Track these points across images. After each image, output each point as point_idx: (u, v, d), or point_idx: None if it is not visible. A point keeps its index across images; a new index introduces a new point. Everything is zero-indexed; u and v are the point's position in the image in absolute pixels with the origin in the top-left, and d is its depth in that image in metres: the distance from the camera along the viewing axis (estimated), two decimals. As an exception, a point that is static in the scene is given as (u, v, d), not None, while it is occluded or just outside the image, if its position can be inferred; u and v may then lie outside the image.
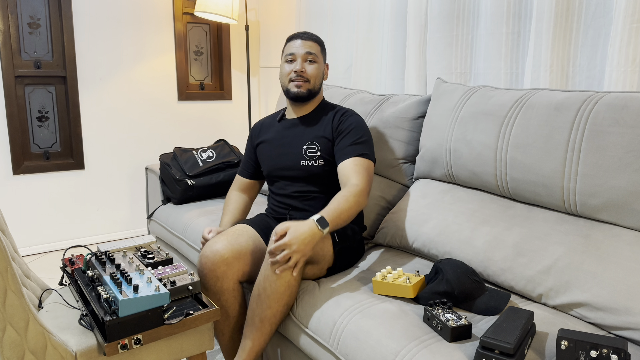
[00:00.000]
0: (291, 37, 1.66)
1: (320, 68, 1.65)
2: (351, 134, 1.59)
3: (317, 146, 1.62)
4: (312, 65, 1.62)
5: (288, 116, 1.73)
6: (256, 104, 3.66)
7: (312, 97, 1.65)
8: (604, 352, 0.92)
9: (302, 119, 1.68)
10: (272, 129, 1.73)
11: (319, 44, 1.66)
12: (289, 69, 1.62)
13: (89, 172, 3.02)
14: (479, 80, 2.05)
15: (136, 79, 3.11)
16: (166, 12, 3.16)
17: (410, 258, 1.62)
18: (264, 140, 1.73)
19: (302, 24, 2.96)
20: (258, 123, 1.82)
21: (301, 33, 1.65)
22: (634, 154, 1.20)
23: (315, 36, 1.66)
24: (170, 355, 1.22)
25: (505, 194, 1.53)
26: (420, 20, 2.23)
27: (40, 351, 1.05)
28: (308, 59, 1.61)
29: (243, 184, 1.83)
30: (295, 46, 1.62)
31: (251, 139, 1.80)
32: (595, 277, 1.20)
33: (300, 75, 1.60)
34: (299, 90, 1.61)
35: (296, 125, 1.68)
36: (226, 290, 1.42)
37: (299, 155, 1.62)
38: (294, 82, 1.61)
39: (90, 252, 1.35)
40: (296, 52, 1.61)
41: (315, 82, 1.63)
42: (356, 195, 1.43)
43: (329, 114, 1.66)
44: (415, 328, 1.14)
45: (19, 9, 2.72)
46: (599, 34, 1.66)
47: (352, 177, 1.50)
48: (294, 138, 1.65)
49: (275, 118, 1.76)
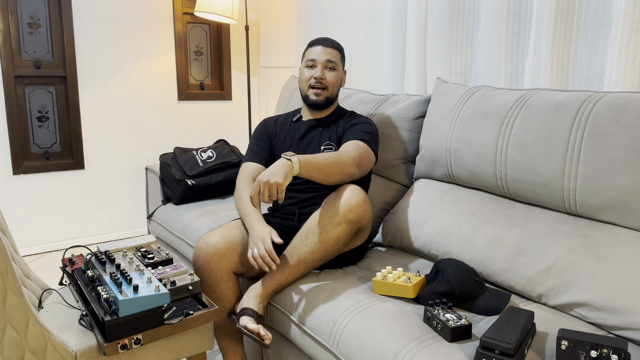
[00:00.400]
0: (313, 43, 1.69)
1: (339, 75, 1.70)
2: (361, 126, 1.64)
3: (334, 147, 1.67)
4: (332, 72, 1.67)
5: (304, 118, 1.75)
6: (256, 104, 3.66)
7: (330, 104, 1.70)
8: (604, 352, 0.92)
9: (319, 121, 1.73)
10: (288, 128, 1.75)
11: (339, 51, 1.70)
12: (309, 75, 1.66)
13: (89, 172, 3.02)
14: (479, 80, 2.05)
15: (136, 79, 3.11)
16: (166, 12, 3.16)
17: (411, 258, 1.62)
18: (280, 138, 1.74)
19: (302, 24, 2.96)
20: (271, 118, 1.81)
21: (323, 39, 1.69)
22: (634, 154, 1.20)
23: (336, 43, 1.70)
24: (170, 355, 1.22)
25: (505, 194, 1.53)
26: (420, 20, 2.23)
27: (40, 351, 1.05)
28: (328, 66, 1.66)
29: (255, 170, 1.69)
30: (316, 52, 1.66)
31: (266, 129, 1.77)
32: (595, 277, 1.20)
33: (320, 82, 1.64)
34: (317, 98, 1.66)
35: (314, 127, 1.72)
36: (221, 282, 1.44)
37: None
38: (313, 89, 1.66)
39: (90, 252, 1.35)
40: (317, 58, 1.66)
41: (333, 89, 1.68)
42: (339, 155, 1.44)
43: (345, 117, 1.72)
44: (415, 328, 1.14)
45: (19, 9, 2.72)
46: (599, 34, 1.66)
47: (343, 148, 1.53)
48: (312, 139, 1.69)
49: (289, 117, 1.78)
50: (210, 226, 1.91)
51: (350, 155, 1.48)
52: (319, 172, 1.39)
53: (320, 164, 1.38)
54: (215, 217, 1.99)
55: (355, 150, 1.52)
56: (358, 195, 1.39)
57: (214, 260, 1.43)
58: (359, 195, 1.39)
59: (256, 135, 1.77)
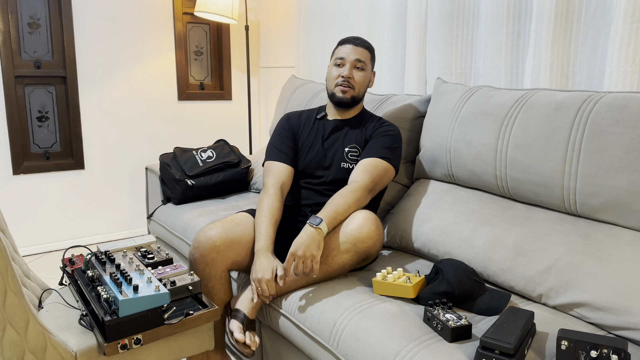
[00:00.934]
0: (343, 41, 1.66)
1: (367, 76, 1.66)
2: (383, 139, 1.61)
3: (359, 150, 1.64)
4: (360, 72, 1.63)
5: (330, 116, 1.72)
6: (256, 104, 3.66)
7: (355, 103, 1.66)
8: (604, 352, 0.92)
9: (345, 122, 1.69)
10: (312, 125, 1.71)
11: (370, 51, 1.66)
12: (337, 73, 1.63)
13: (89, 172, 3.02)
14: (479, 80, 2.04)
15: (136, 79, 3.11)
16: (166, 12, 3.16)
17: (411, 258, 1.62)
18: (304, 135, 1.70)
19: (302, 24, 2.96)
20: (295, 113, 1.77)
21: (354, 38, 1.65)
22: (634, 154, 1.20)
23: (367, 43, 1.66)
24: (170, 355, 1.22)
25: (505, 194, 1.53)
26: (420, 20, 2.23)
27: (40, 351, 1.05)
28: (357, 65, 1.62)
29: (285, 173, 1.61)
30: (346, 51, 1.63)
31: (290, 125, 1.72)
32: (595, 277, 1.20)
33: (347, 80, 1.61)
34: (343, 96, 1.62)
35: (339, 128, 1.68)
36: (214, 277, 1.45)
37: (340, 158, 1.63)
38: (339, 86, 1.62)
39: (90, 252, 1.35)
40: (346, 57, 1.62)
41: (360, 89, 1.64)
42: (353, 190, 1.45)
43: (371, 121, 1.69)
44: (415, 328, 1.14)
45: (19, 9, 2.72)
46: (599, 34, 1.66)
47: (357, 175, 1.52)
48: (336, 139, 1.66)
49: (313, 114, 1.75)
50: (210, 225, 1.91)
51: (364, 186, 1.48)
52: (343, 216, 1.41)
53: (341, 214, 1.40)
54: (214, 217, 1.99)
55: (370, 176, 1.51)
56: (371, 226, 1.37)
57: (210, 255, 1.43)
58: (371, 226, 1.37)
59: (280, 132, 1.71)
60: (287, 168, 1.62)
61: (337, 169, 1.62)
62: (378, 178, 1.53)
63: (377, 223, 1.40)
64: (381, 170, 1.54)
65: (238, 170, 2.34)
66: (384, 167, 1.55)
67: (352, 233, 1.36)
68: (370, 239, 1.37)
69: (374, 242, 1.38)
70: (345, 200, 1.42)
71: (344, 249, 1.37)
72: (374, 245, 1.39)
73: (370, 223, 1.38)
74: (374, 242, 1.38)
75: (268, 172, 1.62)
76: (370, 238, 1.37)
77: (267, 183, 1.59)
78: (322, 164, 1.64)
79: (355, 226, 1.37)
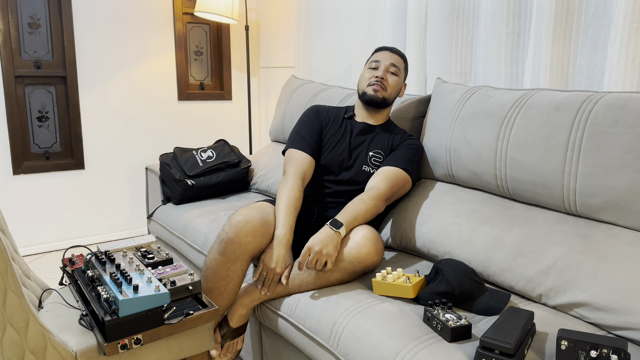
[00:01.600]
0: (380, 48, 1.72)
1: (400, 82, 1.70)
2: (408, 151, 1.64)
3: (383, 156, 1.67)
4: (393, 77, 1.67)
5: (358, 118, 1.74)
6: (256, 104, 3.66)
7: (385, 106, 1.68)
8: (604, 352, 0.92)
9: (372, 127, 1.71)
10: (341, 123, 1.73)
11: (404, 61, 1.72)
12: (371, 74, 1.67)
13: (89, 172, 3.03)
14: (479, 80, 2.05)
15: (136, 79, 3.11)
16: (166, 12, 3.16)
17: (410, 258, 1.62)
18: (331, 131, 1.71)
19: (302, 24, 2.96)
20: (323, 107, 1.78)
21: (391, 47, 1.71)
22: (634, 154, 1.20)
23: (402, 53, 1.72)
24: (170, 355, 1.22)
25: (505, 194, 1.53)
26: (420, 20, 2.23)
27: (40, 351, 1.05)
28: (391, 70, 1.66)
29: (306, 163, 1.60)
30: (382, 55, 1.68)
31: (318, 116, 1.73)
32: (595, 277, 1.20)
33: (380, 81, 1.64)
34: (375, 94, 1.64)
35: (367, 131, 1.70)
36: (238, 259, 1.40)
37: (363, 160, 1.65)
38: (372, 86, 1.64)
39: (90, 252, 1.35)
40: (382, 60, 1.67)
41: (392, 93, 1.67)
42: (374, 198, 1.47)
43: (399, 132, 1.72)
44: (415, 328, 1.14)
45: (19, 9, 2.72)
46: (599, 34, 1.66)
47: (378, 182, 1.54)
48: (362, 141, 1.68)
49: (341, 112, 1.76)
50: (210, 226, 1.91)
51: (384, 195, 1.51)
52: (363, 221, 1.44)
53: (359, 220, 1.43)
54: (214, 217, 1.99)
55: (390, 185, 1.54)
56: (370, 246, 1.36)
57: (245, 239, 1.39)
58: (370, 246, 1.36)
59: (306, 121, 1.71)
60: (309, 159, 1.62)
61: (358, 170, 1.65)
62: (396, 188, 1.57)
63: (377, 243, 1.39)
64: (401, 181, 1.58)
65: (238, 170, 2.34)
66: (404, 179, 1.59)
67: (351, 252, 1.36)
68: (369, 259, 1.37)
69: (372, 262, 1.38)
70: (365, 207, 1.44)
71: (342, 267, 1.36)
72: (372, 265, 1.39)
73: (370, 243, 1.37)
74: (372, 262, 1.38)
75: (291, 160, 1.60)
76: (369, 259, 1.37)
77: (289, 172, 1.56)
78: (345, 164, 1.66)
79: (355, 245, 1.36)
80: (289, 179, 1.53)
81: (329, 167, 1.66)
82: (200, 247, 1.88)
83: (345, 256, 1.36)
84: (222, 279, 1.41)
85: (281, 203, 1.46)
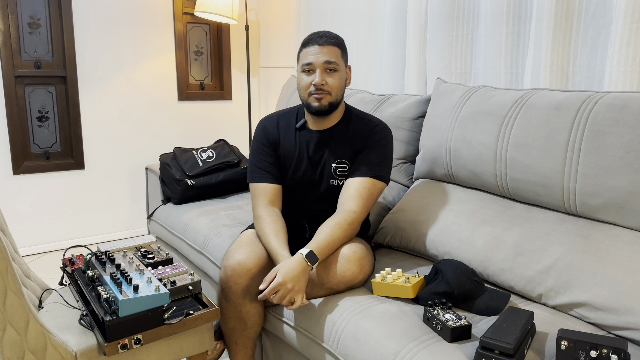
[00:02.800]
0: (307, 42, 1.45)
1: (342, 76, 1.47)
2: (375, 151, 1.48)
3: (348, 165, 1.51)
4: (334, 75, 1.43)
5: (311, 126, 1.54)
6: (256, 104, 3.66)
7: (335, 109, 1.48)
8: (604, 352, 0.92)
9: (328, 133, 1.52)
10: (293, 137, 1.54)
11: (339, 46, 1.46)
12: (308, 81, 1.44)
13: (89, 172, 3.03)
14: (479, 80, 2.05)
15: (136, 79, 3.11)
16: (166, 12, 3.16)
17: (410, 258, 1.62)
18: (286, 150, 1.55)
19: (302, 24, 2.96)
20: (271, 122, 1.58)
21: (317, 37, 1.44)
22: (634, 154, 1.20)
23: (333, 38, 1.45)
24: (170, 355, 1.22)
25: (505, 194, 1.53)
26: (420, 20, 2.23)
27: (41, 351, 1.05)
28: (327, 68, 1.43)
29: (272, 192, 1.51)
30: (312, 54, 1.42)
31: (267, 139, 1.56)
32: (595, 277, 1.20)
33: (321, 88, 1.42)
34: (320, 104, 1.44)
35: (323, 140, 1.52)
36: (250, 302, 1.40)
37: (329, 174, 1.51)
38: (313, 95, 1.43)
39: (90, 252, 1.35)
40: (314, 61, 1.42)
41: (338, 93, 1.45)
42: (351, 223, 1.38)
43: (358, 126, 1.52)
44: (415, 328, 1.14)
45: (19, 9, 2.72)
46: (599, 34, 1.66)
47: (351, 201, 1.42)
48: (322, 155, 1.52)
49: (292, 121, 1.57)
50: (210, 226, 1.91)
51: (356, 213, 1.40)
52: (334, 250, 1.36)
53: (332, 247, 1.34)
54: (214, 217, 1.99)
55: (364, 203, 1.42)
56: (354, 269, 1.33)
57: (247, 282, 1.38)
58: (354, 269, 1.33)
59: (259, 148, 1.56)
60: (272, 187, 1.52)
61: (327, 186, 1.53)
62: (372, 202, 1.45)
63: (362, 261, 1.34)
64: (374, 193, 1.46)
65: (238, 170, 2.34)
66: (378, 188, 1.46)
67: (335, 276, 1.32)
68: (354, 280, 1.34)
69: (358, 282, 1.35)
70: (344, 234, 1.36)
71: (326, 287, 1.34)
72: (358, 284, 1.36)
73: (354, 266, 1.33)
74: (358, 281, 1.35)
75: (255, 196, 1.52)
76: (354, 279, 1.34)
77: (258, 206, 1.49)
78: (311, 181, 1.54)
79: (341, 268, 1.32)
80: (260, 218, 1.47)
81: (300, 188, 1.56)
82: (200, 247, 1.88)
83: (330, 279, 1.33)
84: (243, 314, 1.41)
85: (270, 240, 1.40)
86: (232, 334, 1.44)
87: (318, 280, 1.34)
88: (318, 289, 1.34)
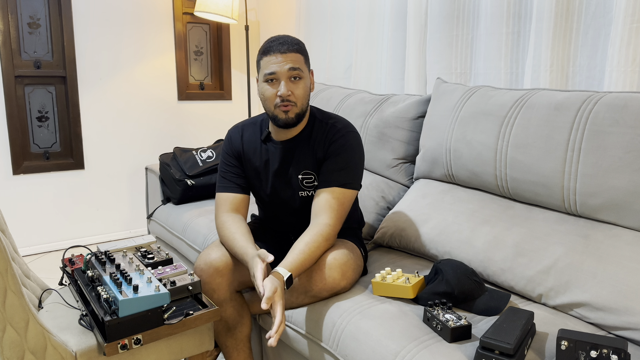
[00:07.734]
0: (267, 50, 1.36)
1: (307, 82, 1.39)
2: (339, 158, 1.41)
3: (314, 175, 1.46)
4: (299, 83, 1.36)
5: (275, 137, 1.48)
6: (256, 104, 3.66)
7: (302, 119, 1.41)
8: (604, 352, 0.92)
9: (293, 143, 1.46)
10: (258, 150, 1.50)
11: (300, 52, 1.38)
12: (272, 92, 1.36)
13: (89, 172, 3.02)
14: (479, 80, 2.05)
15: (136, 79, 3.11)
16: (166, 12, 3.16)
17: (410, 258, 1.62)
18: (250, 163, 1.51)
19: (302, 24, 2.96)
20: (237, 133, 1.53)
21: (277, 43, 1.35)
22: (634, 154, 1.20)
23: (294, 44, 1.37)
24: (170, 355, 1.22)
25: (505, 194, 1.53)
26: (420, 20, 2.23)
27: (40, 351, 1.05)
28: (292, 76, 1.35)
29: (236, 202, 1.48)
30: (275, 63, 1.34)
31: (232, 150, 1.52)
32: (595, 277, 1.20)
33: (287, 100, 1.35)
34: (287, 117, 1.37)
35: (286, 152, 1.46)
36: (224, 302, 1.39)
37: (297, 187, 1.47)
38: (279, 107, 1.36)
39: (90, 252, 1.35)
40: (277, 70, 1.33)
41: (304, 102, 1.39)
42: (327, 238, 1.34)
43: (321, 132, 1.45)
44: (415, 329, 1.14)
45: (19, 9, 2.72)
46: (599, 34, 1.66)
47: (324, 214, 1.37)
48: (287, 168, 1.47)
49: (257, 132, 1.51)
50: (209, 226, 1.91)
51: (330, 226, 1.35)
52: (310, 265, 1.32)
53: (307, 264, 1.30)
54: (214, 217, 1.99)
55: (337, 215, 1.38)
56: (335, 276, 1.30)
57: (215, 281, 1.37)
58: (336, 276, 1.31)
59: (224, 159, 1.54)
60: (236, 197, 1.49)
61: (297, 198, 1.49)
62: (344, 211, 1.40)
63: (343, 268, 1.32)
64: (345, 202, 1.40)
65: (238, 170, 2.34)
66: (348, 197, 1.40)
67: (316, 283, 1.31)
68: (336, 286, 1.32)
69: (341, 288, 1.34)
70: (320, 250, 1.32)
71: (310, 295, 1.33)
72: (342, 290, 1.35)
73: (335, 273, 1.31)
74: (340, 287, 1.33)
75: (218, 205, 1.49)
76: (336, 286, 1.32)
77: (221, 213, 1.46)
78: (284, 194, 1.50)
79: (320, 275, 1.31)
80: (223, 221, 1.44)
81: (274, 201, 1.53)
82: (200, 247, 1.88)
83: (312, 287, 1.31)
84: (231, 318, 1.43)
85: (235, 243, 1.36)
86: (218, 336, 1.44)
87: (301, 288, 1.33)
88: (302, 297, 1.34)
